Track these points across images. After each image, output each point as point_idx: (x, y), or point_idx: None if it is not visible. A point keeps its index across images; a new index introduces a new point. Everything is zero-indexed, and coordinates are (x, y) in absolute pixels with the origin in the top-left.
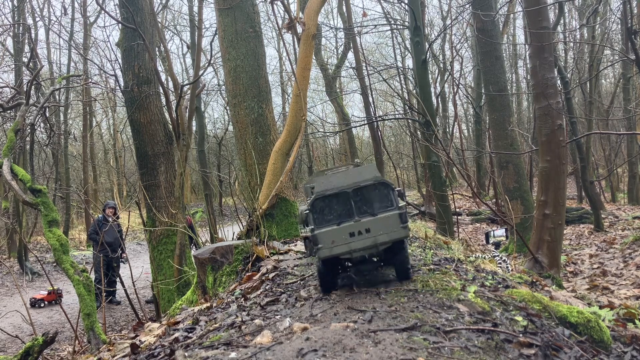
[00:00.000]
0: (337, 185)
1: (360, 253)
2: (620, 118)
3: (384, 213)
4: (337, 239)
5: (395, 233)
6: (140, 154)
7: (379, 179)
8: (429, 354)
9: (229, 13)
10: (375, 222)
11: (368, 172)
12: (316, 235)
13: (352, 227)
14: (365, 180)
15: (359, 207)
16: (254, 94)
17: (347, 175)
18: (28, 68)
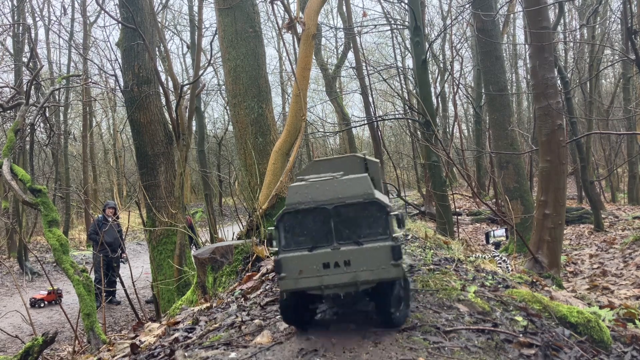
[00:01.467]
0: (314, 198)
1: (333, 290)
2: (621, 118)
3: (371, 243)
4: (307, 269)
5: (383, 271)
6: (140, 154)
7: (371, 196)
8: (429, 354)
9: (229, 13)
10: (358, 254)
11: (359, 185)
12: (280, 260)
13: (328, 256)
14: (353, 196)
15: (340, 231)
16: (254, 94)
17: (330, 186)
18: (28, 68)
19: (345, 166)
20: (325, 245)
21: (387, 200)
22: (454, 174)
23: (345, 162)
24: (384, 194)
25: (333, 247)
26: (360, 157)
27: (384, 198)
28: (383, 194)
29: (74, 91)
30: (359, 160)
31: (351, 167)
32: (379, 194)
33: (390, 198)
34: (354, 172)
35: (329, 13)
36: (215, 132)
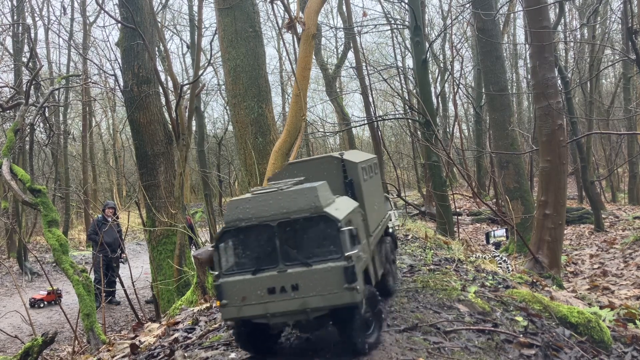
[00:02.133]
0: (256, 214)
1: (281, 319)
2: (621, 118)
3: (322, 263)
4: (250, 295)
5: (335, 297)
6: (139, 154)
7: (319, 210)
8: (429, 354)
9: (229, 13)
10: (307, 276)
11: (305, 197)
12: (220, 285)
13: (273, 280)
14: (299, 210)
15: (287, 251)
16: (253, 93)
17: (273, 200)
18: (27, 68)
19: (320, 169)
20: (270, 267)
21: (347, 210)
22: (454, 174)
23: (321, 165)
24: (381, 195)
25: (279, 270)
26: (337, 158)
27: (340, 209)
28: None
29: (74, 91)
30: (336, 162)
31: (327, 170)
32: (332, 206)
33: (390, 198)
34: (329, 176)
35: (329, 13)
36: (215, 132)
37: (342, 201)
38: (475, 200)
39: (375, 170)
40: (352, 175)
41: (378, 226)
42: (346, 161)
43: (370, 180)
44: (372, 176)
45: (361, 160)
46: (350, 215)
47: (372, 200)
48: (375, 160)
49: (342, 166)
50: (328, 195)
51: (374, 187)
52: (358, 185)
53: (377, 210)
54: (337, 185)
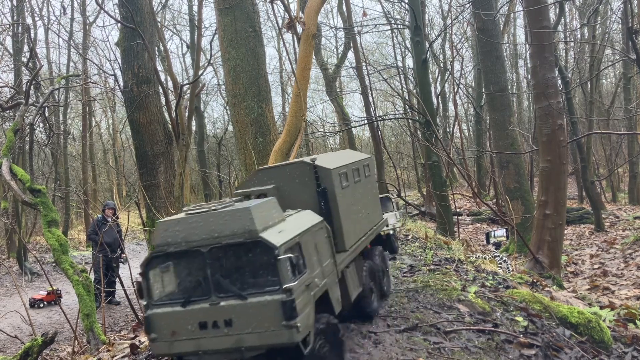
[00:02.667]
0: (186, 237)
1: (214, 358)
2: (621, 118)
3: (258, 296)
4: (181, 329)
5: (273, 335)
6: (139, 153)
7: (254, 235)
8: (429, 354)
9: (229, 12)
10: (241, 311)
11: (238, 219)
12: (149, 318)
13: (205, 314)
14: (233, 234)
15: (219, 281)
16: (253, 93)
17: (205, 222)
18: (27, 68)
19: (290, 176)
20: (201, 298)
21: (294, 232)
22: (454, 174)
23: (292, 172)
24: (374, 200)
25: (211, 302)
26: (309, 164)
27: (284, 232)
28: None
29: (74, 91)
30: (308, 169)
31: (298, 177)
32: (273, 229)
33: (393, 198)
34: (300, 184)
35: (329, 13)
36: (215, 132)
37: (294, 220)
38: (475, 200)
39: (366, 173)
40: (325, 183)
41: (361, 238)
42: (319, 167)
43: (353, 187)
44: (358, 181)
45: (338, 166)
46: (299, 238)
47: (355, 210)
48: (366, 162)
49: (315, 173)
50: (269, 215)
51: (359, 194)
52: (332, 194)
53: (362, 219)
54: (309, 194)
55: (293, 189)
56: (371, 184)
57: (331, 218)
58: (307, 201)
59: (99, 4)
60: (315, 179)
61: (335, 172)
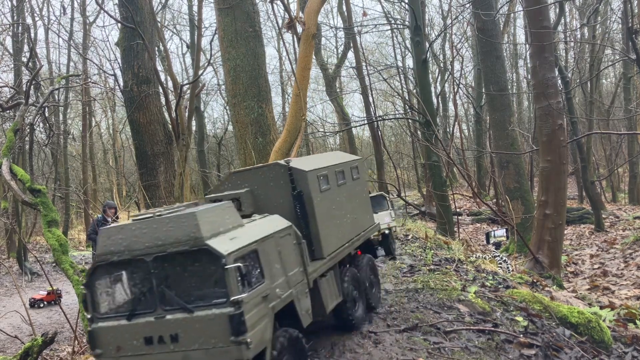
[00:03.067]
0: (130, 246)
1: None
2: (621, 118)
3: (204, 309)
4: (126, 345)
5: (220, 352)
6: (139, 153)
7: (199, 242)
8: (429, 354)
9: (229, 12)
10: (188, 325)
11: (183, 225)
12: (93, 332)
13: (151, 328)
14: (177, 241)
15: (164, 293)
16: (253, 93)
17: (148, 229)
18: (27, 68)
19: (265, 179)
20: (146, 312)
21: (250, 239)
22: (454, 174)
23: (266, 174)
24: (362, 204)
25: (156, 316)
26: (283, 166)
27: (238, 239)
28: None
29: (74, 91)
30: (282, 171)
31: (273, 180)
32: (223, 236)
33: (388, 197)
34: (275, 187)
35: (329, 13)
36: (215, 132)
37: (256, 225)
38: (475, 200)
39: (354, 176)
40: (301, 186)
41: (344, 245)
42: (294, 170)
43: (335, 190)
44: (342, 184)
45: (316, 168)
46: (256, 246)
47: (337, 214)
48: (354, 164)
49: (290, 175)
50: (221, 220)
51: (344, 197)
52: (309, 197)
53: (346, 224)
54: (285, 198)
55: (268, 193)
56: (360, 186)
57: (307, 223)
58: (282, 205)
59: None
60: (291, 181)
61: (311, 175)
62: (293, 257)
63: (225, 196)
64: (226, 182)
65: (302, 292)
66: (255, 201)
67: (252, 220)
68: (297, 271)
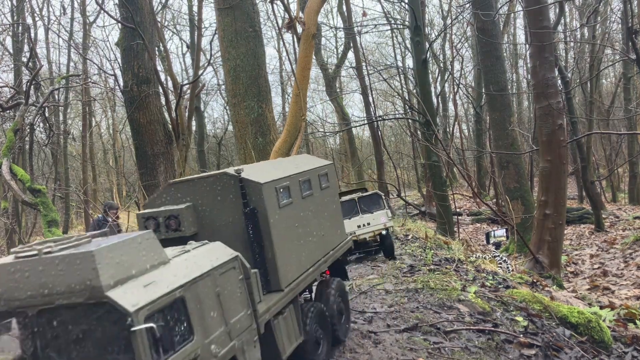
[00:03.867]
0: (9, 295)
1: None
2: (621, 118)
3: None
4: None
5: None
6: (139, 153)
7: (98, 292)
8: (429, 354)
9: (229, 12)
10: None
11: (77, 268)
12: None
13: None
14: (68, 291)
15: (51, 358)
16: (253, 93)
17: (32, 271)
18: (27, 68)
19: (210, 192)
20: None
21: (174, 284)
22: (454, 174)
23: (211, 186)
24: (333, 216)
25: None
26: (233, 176)
27: (155, 285)
28: None
29: (74, 91)
30: (233, 183)
31: (220, 194)
32: (134, 282)
33: (384, 196)
34: (223, 202)
35: (329, 13)
36: (215, 132)
37: (186, 261)
38: (475, 200)
39: (322, 184)
40: (255, 202)
41: (308, 270)
42: (246, 181)
43: (299, 204)
44: (308, 195)
45: (274, 179)
46: (181, 292)
47: (301, 233)
48: (323, 171)
49: (241, 188)
50: (134, 259)
51: (310, 212)
52: (264, 216)
53: (312, 244)
54: (235, 216)
55: (214, 209)
56: (330, 197)
57: (261, 247)
58: (232, 224)
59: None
60: (242, 196)
61: (268, 188)
62: (238, 298)
63: (160, 213)
64: (163, 195)
65: (250, 341)
66: (198, 219)
67: (182, 252)
68: (243, 315)
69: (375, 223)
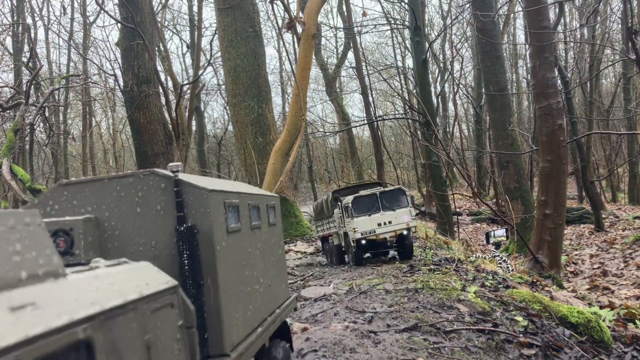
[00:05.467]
0: None
1: None
2: (621, 118)
3: None
4: None
5: None
6: (139, 153)
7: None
8: (429, 354)
9: (229, 13)
10: None
11: None
12: None
13: None
14: None
15: None
16: (253, 93)
17: None
18: (27, 68)
19: (124, 199)
20: None
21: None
22: (454, 174)
23: (129, 190)
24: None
25: None
26: (164, 176)
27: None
28: None
29: (74, 91)
30: (163, 186)
31: (140, 202)
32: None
33: (408, 192)
34: (143, 214)
35: (329, 13)
36: (215, 132)
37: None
38: (475, 200)
39: (270, 219)
40: (196, 219)
41: (256, 330)
42: (186, 186)
43: (246, 235)
44: (256, 227)
45: (224, 191)
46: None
47: (248, 277)
48: (270, 202)
49: (176, 195)
50: None
51: (259, 249)
52: (209, 239)
53: (261, 295)
54: (162, 236)
55: (129, 226)
56: (276, 238)
57: (199, 287)
58: (155, 250)
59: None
60: (178, 206)
61: (216, 200)
62: (175, 358)
63: (47, 225)
64: (51, 201)
65: None
66: (102, 239)
67: (87, 269)
68: None
69: (398, 222)
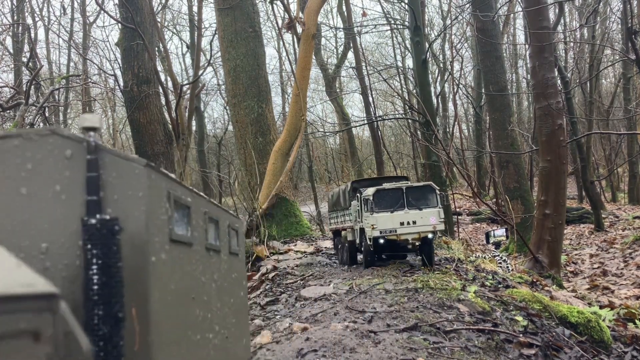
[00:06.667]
0: None
1: None
2: (621, 118)
3: None
4: None
5: None
6: (140, 153)
7: None
8: (429, 354)
9: (229, 13)
10: None
11: None
12: None
13: None
14: None
15: None
16: (253, 93)
17: None
18: (27, 68)
19: (4, 172)
20: None
21: None
22: (454, 174)
23: (12, 160)
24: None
25: None
26: (71, 140)
27: None
28: None
29: (74, 91)
30: (70, 154)
31: (28, 176)
32: None
33: (439, 191)
34: (27, 198)
35: (329, 13)
36: (215, 132)
37: None
38: (475, 200)
39: (232, 246)
40: (121, 209)
41: None
42: (106, 156)
43: (200, 255)
44: (212, 248)
45: (170, 177)
46: None
47: (197, 318)
48: (234, 222)
49: (88, 167)
50: None
51: (213, 282)
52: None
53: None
54: (60, 236)
55: (6, 215)
56: (238, 272)
57: (117, 320)
58: (47, 256)
59: (99, 4)
60: (89, 186)
61: (157, 185)
62: None
63: None
64: None
65: None
66: None
67: None
68: None
69: (423, 223)
